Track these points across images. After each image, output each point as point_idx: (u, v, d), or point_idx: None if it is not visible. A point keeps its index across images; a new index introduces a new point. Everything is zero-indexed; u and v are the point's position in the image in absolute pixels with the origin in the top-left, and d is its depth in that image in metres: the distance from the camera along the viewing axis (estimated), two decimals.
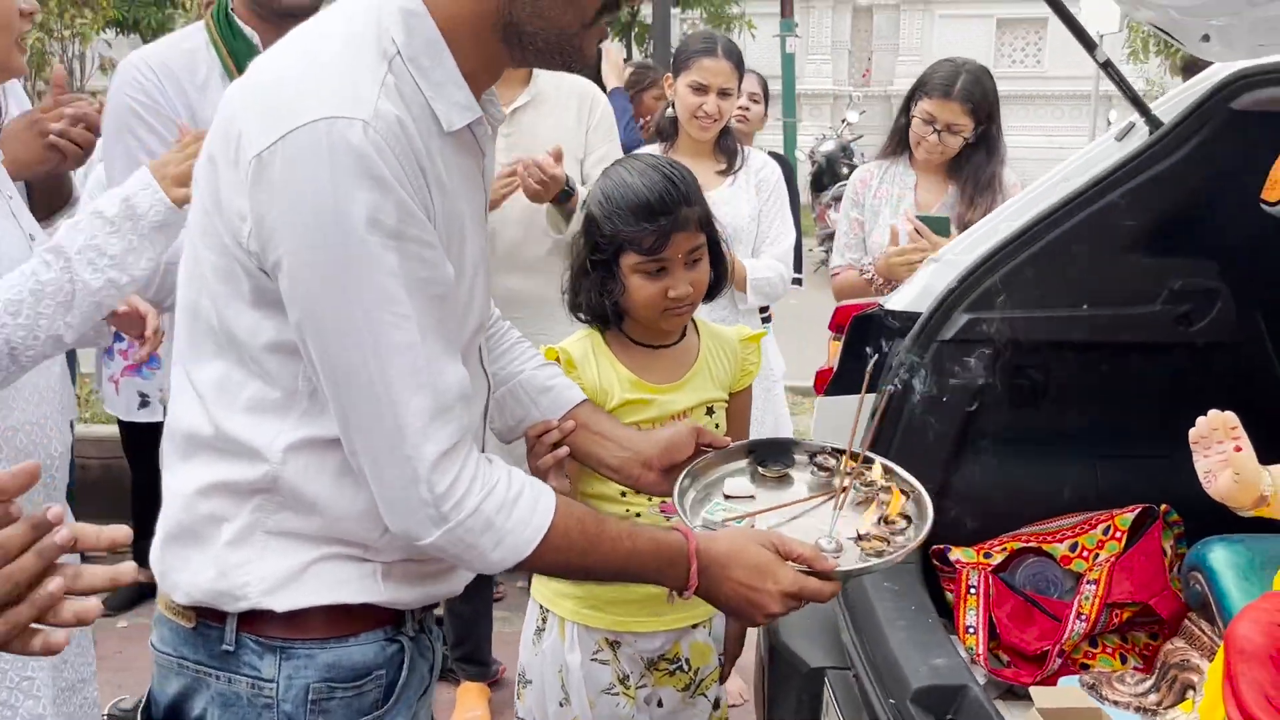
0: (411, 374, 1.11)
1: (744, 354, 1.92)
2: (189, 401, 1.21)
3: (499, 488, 1.18)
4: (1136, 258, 2.10)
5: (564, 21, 1.17)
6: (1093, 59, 2.05)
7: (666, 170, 1.72)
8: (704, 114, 2.96)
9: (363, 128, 1.06)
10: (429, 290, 1.12)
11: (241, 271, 1.13)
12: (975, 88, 2.88)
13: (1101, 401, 2.22)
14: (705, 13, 14.94)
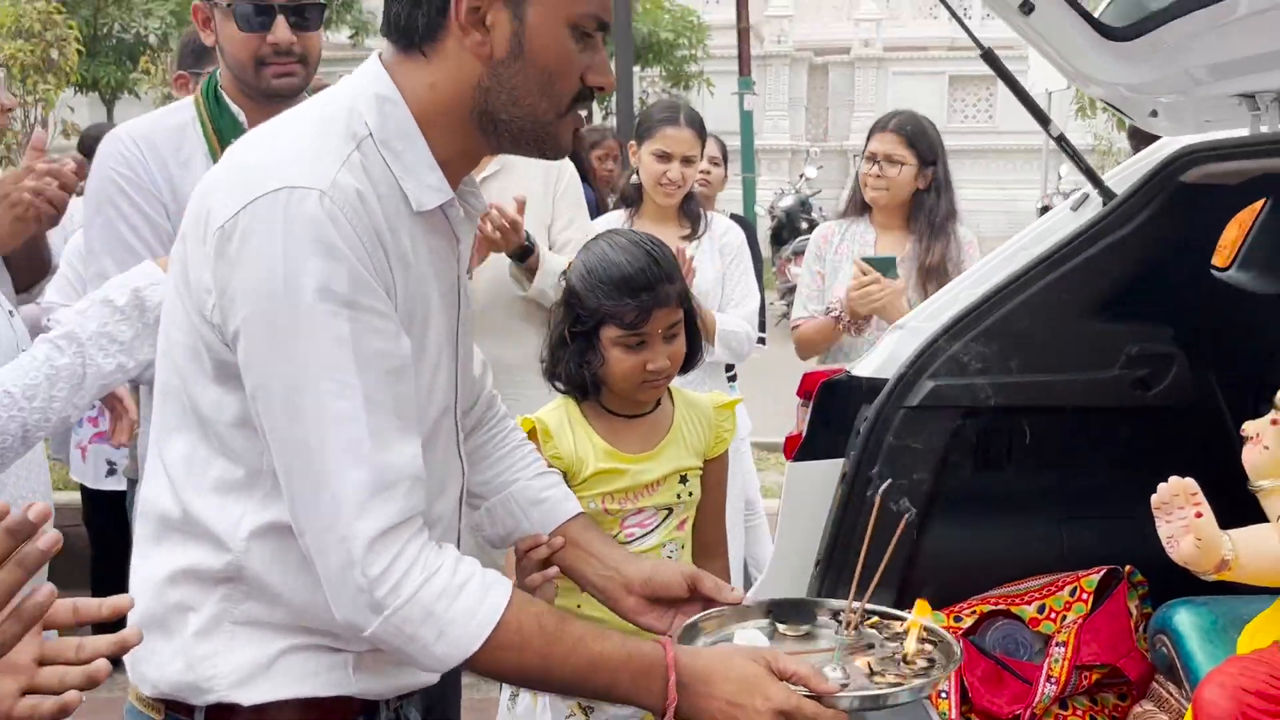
0: (351, 446, 1.09)
1: (718, 420, 1.95)
2: (161, 484, 1.21)
3: (441, 573, 1.12)
4: (1094, 324, 2.15)
5: (539, 111, 1.19)
6: (1047, 133, 2.12)
7: (648, 247, 1.76)
8: (668, 181, 3.02)
9: (319, 197, 1.08)
10: (382, 364, 1.11)
11: (204, 347, 1.14)
12: (910, 122, 3.06)
13: (1065, 464, 2.26)
14: (665, 71, 15.19)
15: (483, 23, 1.15)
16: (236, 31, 1.91)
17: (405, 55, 1.19)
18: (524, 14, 1.15)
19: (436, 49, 1.17)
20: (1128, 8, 2.02)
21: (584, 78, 1.20)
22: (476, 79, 1.17)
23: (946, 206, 3.04)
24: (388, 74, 1.19)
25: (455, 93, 1.17)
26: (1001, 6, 2.02)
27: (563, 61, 1.17)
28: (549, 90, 1.18)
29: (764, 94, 18.10)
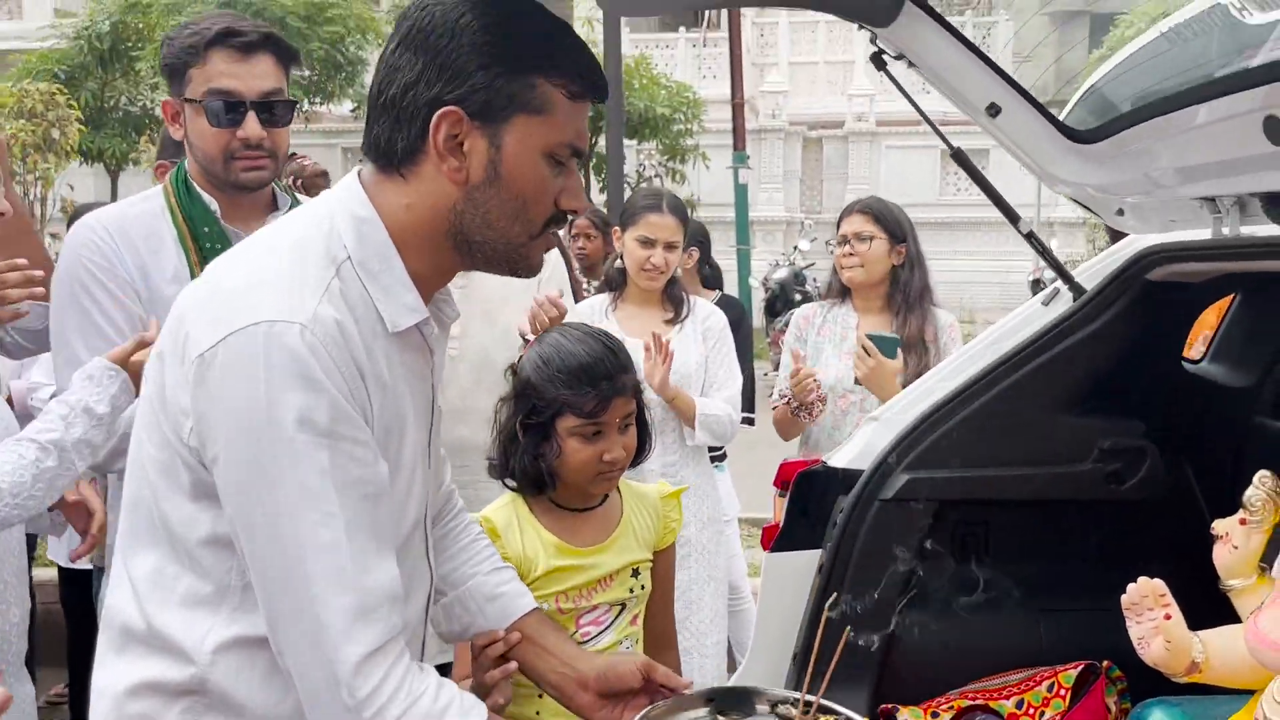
0: (335, 574, 1.12)
1: (665, 511, 1.96)
2: (125, 595, 1.22)
3: (424, 699, 1.16)
4: (1067, 418, 2.17)
5: (511, 234, 1.23)
6: (1016, 229, 2.16)
7: (604, 339, 1.80)
8: (651, 266, 3.08)
9: (299, 330, 1.11)
10: (361, 490, 1.14)
11: (181, 465, 1.16)
12: (875, 203, 3.21)
13: (1041, 557, 2.26)
14: (661, 145, 15.41)
15: (460, 149, 1.19)
16: (207, 126, 1.94)
17: (384, 175, 1.23)
18: (500, 142, 1.20)
19: (415, 171, 1.21)
20: (1092, 111, 2.07)
21: (557, 201, 1.25)
22: (452, 202, 1.21)
23: (920, 282, 3.14)
24: (365, 194, 1.23)
25: (431, 214, 1.22)
26: (969, 109, 2.08)
27: (537, 187, 1.22)
28: (522, 214, 1.23)
29: (759, 167, 18.36)
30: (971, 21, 24.49)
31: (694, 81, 17.61)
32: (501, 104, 1.18)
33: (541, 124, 1.20)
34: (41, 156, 6.43)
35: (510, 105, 1.19)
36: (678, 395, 3.03)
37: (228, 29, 1.92)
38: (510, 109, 1.19)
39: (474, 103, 1.18)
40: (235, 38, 1.92)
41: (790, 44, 22.94)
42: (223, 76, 1.92)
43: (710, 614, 3.19)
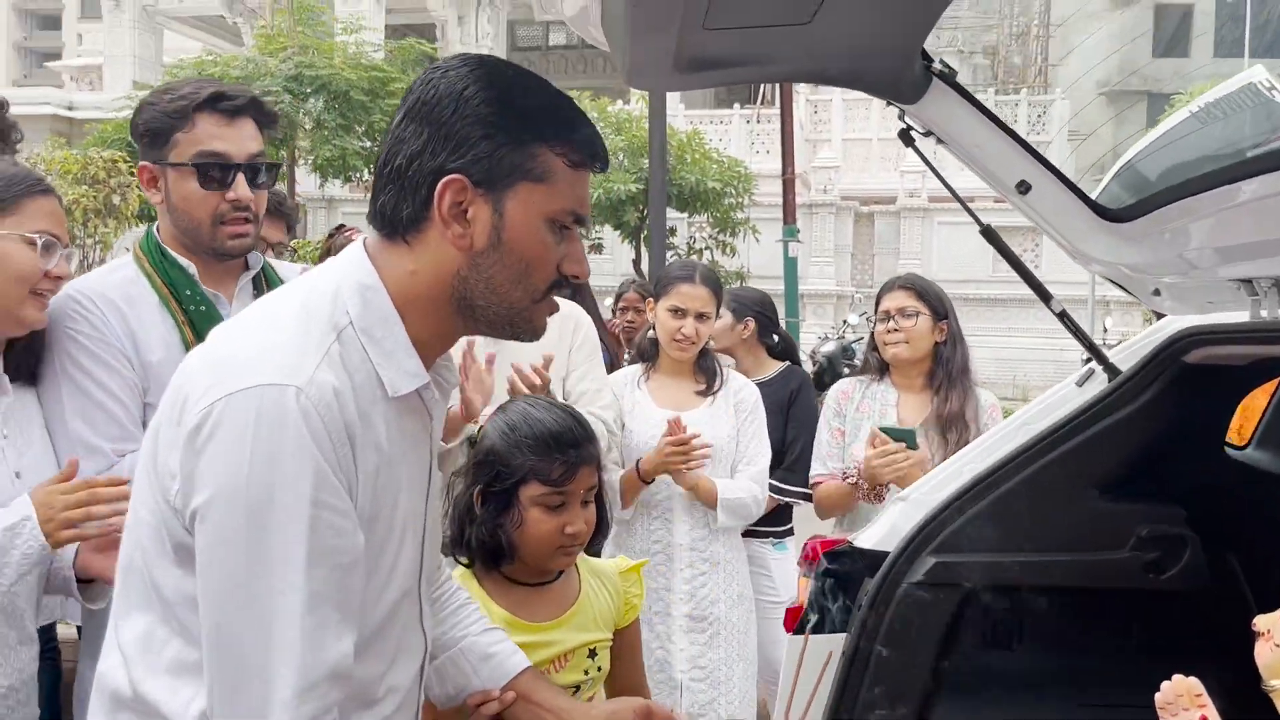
0: (286, 646, 1.11)
1: (625, 587, 1.90)
2: (114, 660, 1.22)
3: None
4: (1102, 503, 2.10)
5: (514, 298, 1.24)
6: (1049, 309, 2.11)
7: (569, 410, 1.79)
8: (682, 336, 3.07)
9: (295, 394, 1.11)
10: (333, 559, 1.14)
11: (166, 529, 1.16)
12: (917, 279, 3.18)
13: (1078, 648, 2.17)
14: (712, 218, 15.53)
15: (464, 215, 1.21)
16: (195, 189, 1.92)
17: (389, 243, 1.25)
18: (504, 208, 1.21)
19: (419, 239, 1.23)
20: (1125, 189, 2.04)
21: (560, 266, 1.26)
22: (456, 267, 1.22)
23: (961, 360, 3.09)
24: (370, 261, 1.25)
25: (435, 280, 1.23)
26: (999, 186, 2.06)
27: (539, 253, 1.24)
28: (525, 279, 1.24)
29: (809, 241, 18.41)
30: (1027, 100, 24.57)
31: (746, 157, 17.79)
32: (504, 172, 1.20)
33: (544, 191, 1.22)
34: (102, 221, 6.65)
35: (513, 173, 1.21)
36: (698, 484, 3.00)
37: (218, 93, 1.93)
38: (513, 177, 1.21)
39: (477, 171, 1.20)
40: (225, 101, 1.93)
41: (844, 120, 23.15)
42: (212, 140, 1.92)
43: (740, 696, 3.10)
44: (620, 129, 14.71)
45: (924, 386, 3.09)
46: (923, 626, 2.09)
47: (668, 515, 3.08)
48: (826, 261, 19.80)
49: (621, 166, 14.25)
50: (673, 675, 3.04)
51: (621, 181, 13.99)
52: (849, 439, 3.16)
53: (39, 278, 1.76)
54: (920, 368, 3.09)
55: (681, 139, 14.93)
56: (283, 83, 11.82)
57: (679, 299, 3.08)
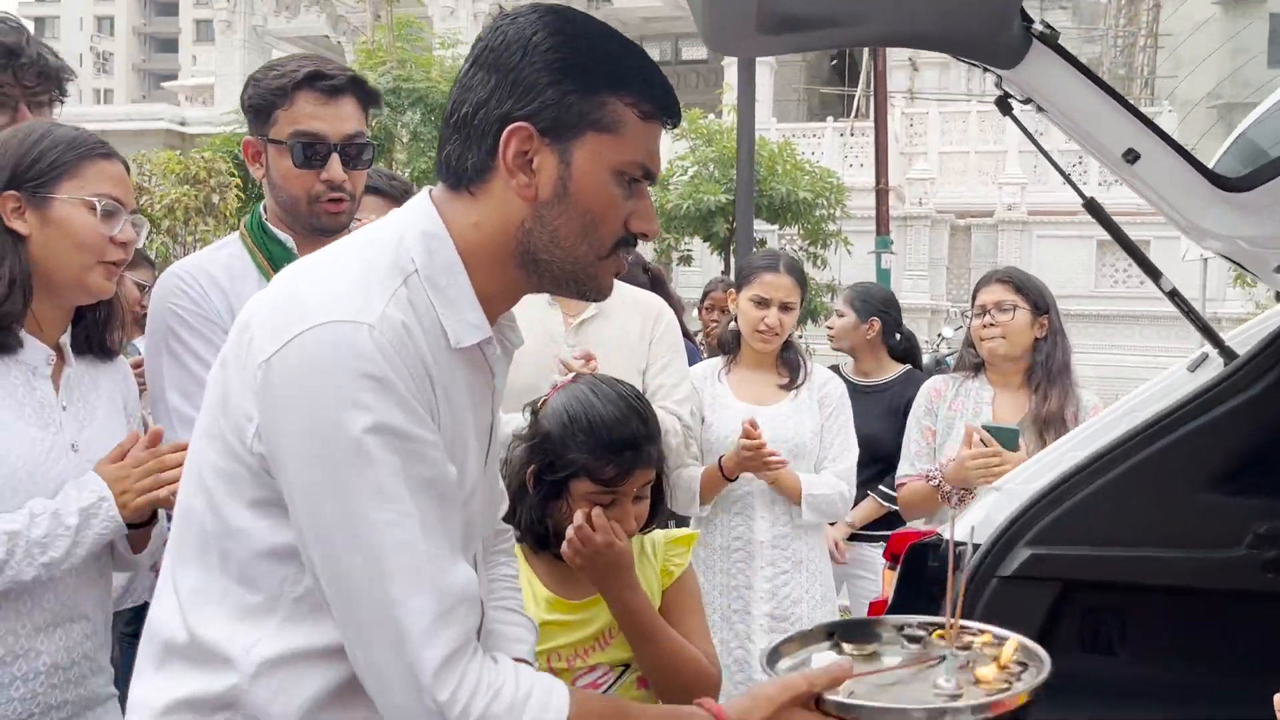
0: (413, 574, 1.08)
1: (666, 554, 1.82)
2: (170, 607, 1.20)
3: (505, 690, 1.12)
4: (1214, 497, 1.95)
5: (579, 253, 1.21)
6: (1159, 287, 1.98)
7: (635, 404, 1.70)
8: (765, 327, 2.97)
9: (368, 331, 1.09)
10: (433, 490, 1.11)
11: (245, 473, 1.14)
12: (1016, 272, 3.04)
13: (1187, 653, 2.01)
14: (803, 229, 15.35)
15: (529, 165, 1.18)
16: (291, 168, 1.94)
17: (454, 194, 1.23)
18: (570, 159, 1.18)
19: (484, 189, 1.20)
20: (1244, 156, 1.89)
21: (628, 223, 1.23)
22: (520, 219, 1.20)
23: (1062, 357, 2.94)
24: (436, 211, 1.22)
25: (499, 231, 1.20)
26: (1104, 156, 1.93)
27: (606, 206, 1.20)
28: (591, 233, 1.20)
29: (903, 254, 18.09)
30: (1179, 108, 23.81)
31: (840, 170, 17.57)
32: (572, 121, 1.17)
33: (612, 142, 1.18)
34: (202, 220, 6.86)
35: (580, 122, 1.17)
36: (779, 479, 2.89)
37: (315, 71, 1.94)
38: (580, 126, 1.17)
39: (544, 119, 1.16)
40: (322, 80, 1.94)
41: (940, 133, 22.73)
42: (309, 119, 1.94)
43: None
44: (710, 140, 14.67)
45: (1021, 385, 2.96)
46: (1014, 624, 1.96)
47: (748, 511, 2.99)
48: (920, 275, 19.42)
49: (711, 178, 14.21)
50: (752, 675, 2.93)
51: (711, 192, 13.93)
52: (940, 439, 3.04)
53: (104, 245, 1.71)
54: (1018, 365, 2.95)
55: (773, 149, 14.80)
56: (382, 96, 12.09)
57: (762, 289, 2.99)
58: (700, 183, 14.37)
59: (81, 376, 1.79)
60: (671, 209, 14.41)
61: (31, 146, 1.69)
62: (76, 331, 1.80)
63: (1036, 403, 2.87)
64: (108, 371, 1.85)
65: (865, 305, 3.83)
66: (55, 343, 1.75)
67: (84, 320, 1.81)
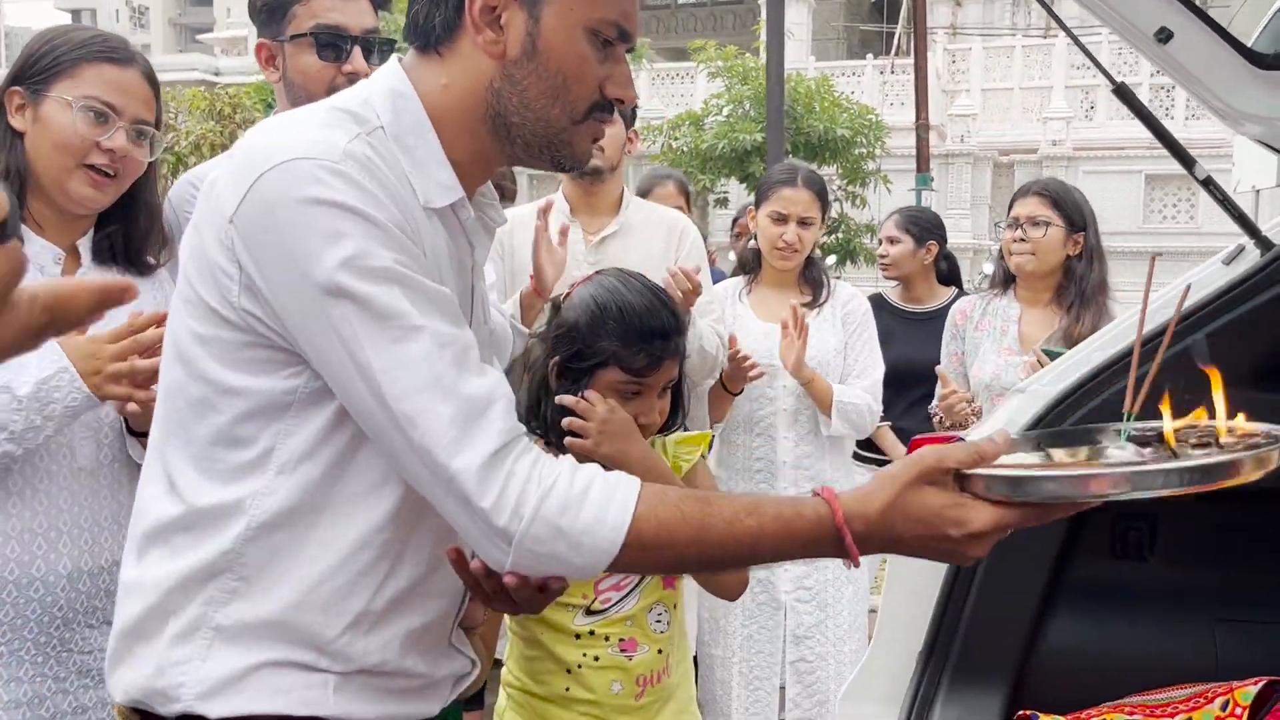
0: (433, 383, 1.04)
1: (677, 452, 1.76)
2: (159, 487, 1.16)
3: (559, 485, 1.05)
4: (1251, 392, 1.84)
5: (551, 115, 1.16)
6: (1192, 175, 1.88)
7: (662, 295, 1.67)
8: (784, 244, 2.89)
9: (330, 163, 1.05)
10: (436, 305, 1.07)
11: (228, 332, 1.10)
12: (1056, 186, 2.93)
13: (1220, 555, 1.95)
14: (842, 168, 15.12)
15: (497, 22, 1.14)
16: (313, 61, 1.93)
17: (423, 56, 1.19)
18: (539, 14, 1.14)
19: (452, 48, 1.16)
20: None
21: (603, 88, 1.18)
22: (489, 79, 1.16)
23: (1098, 277, 2.83)
24: (405, 74, 1.18)
25: (468, 92, 1.16)
26: (1136, 37, 1.83)
27: (578, 66, 1.15)
28: (563, 95, 1.16)
29: (944, 192, 17.78)
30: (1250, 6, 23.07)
31: (880, 109, 17.24)
32: None
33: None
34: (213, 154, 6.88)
35: None
36: (814, 379, 2.82)
37: None
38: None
39: None
40: None
41: (984, 69, 22.19)
42: (330, 12, 1.92)
43: (849, 620, 2.95)
44: (746, 79, 14.43)
45: (1050, 302, 2.87)
46: (1038, 532, 1.90)
47: (770, 432, 2.94)
48: (962, 214, 19.07)
49: (746, 116, 14.00)
50: (776, 595, 2.91)
51: (747, 131, 13.75)
52: (969, 360, 2.97)
53: (85, 148, 1.64)
54: (1048, 282, 2.87)
55: (809, 87, 14.55)
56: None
57: (780, 204, 2.90)
58: (735, 121, 14.17)
59: None
60: (707, 149, 14.25)
61: (44, 44, 1.67)
62: (99, 238, 1.77)
63: (1067, 323, 2.79)
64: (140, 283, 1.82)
65: (922, 230, 3.75)
66: (70, 245, 1.73)
67: (108, 227, 1.77)
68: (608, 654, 1.65)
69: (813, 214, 2.90)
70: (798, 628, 2.91)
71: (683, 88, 22.01)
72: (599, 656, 1.65)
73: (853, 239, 14.29)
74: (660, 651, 1.69)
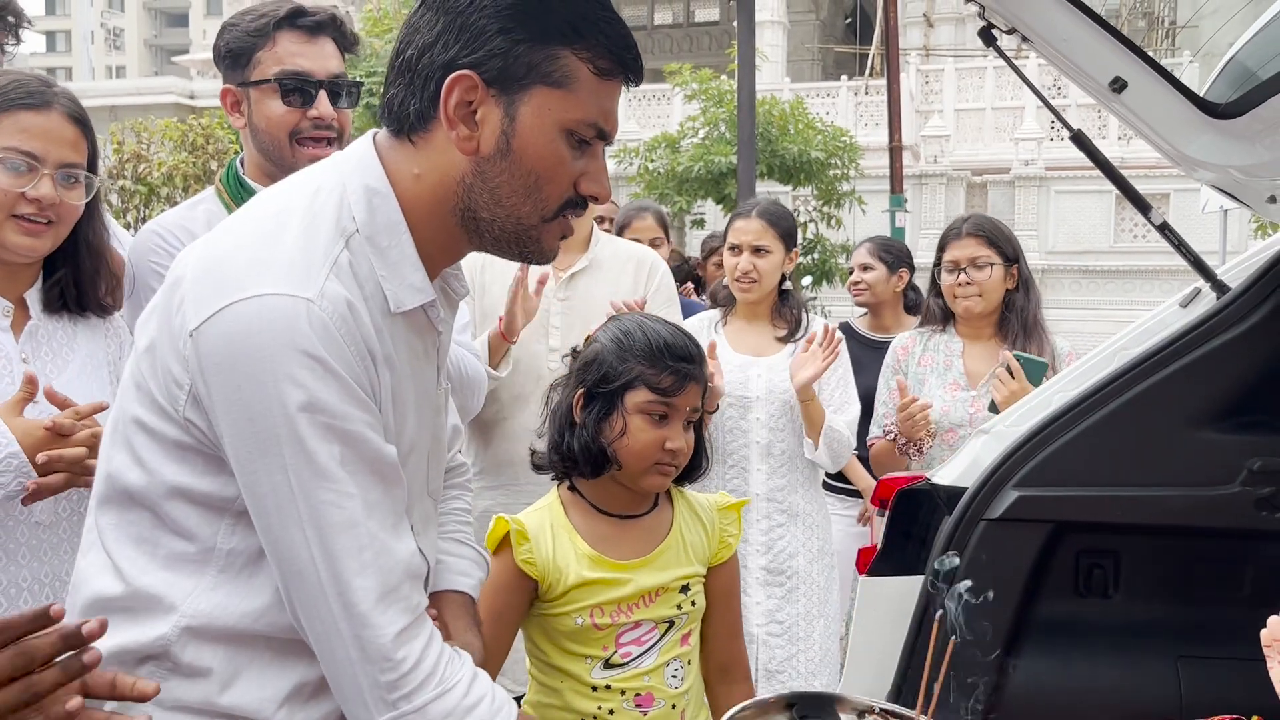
0: (356, 553, 1.06)
1: (722, 524, 1.78)
2: (98, 564, 1.16)
3: (454, 692, 1.11)
4: (1208, 434, 1.90)
5: (522, 213, 1.16)
6: (1148, 220, 1.92)
7: (685, 330, 1.72)
8: (741, 274, 2.94)
9: (305, 307, 1.04)
10: (373, 469, 1.09)
11: (173, 429, 1.10)
12: (985, 222, 2.95)
13: (1181, 593, 1.98)
14: (816, 190, 15.20)
15: (472, 117, 1.13)
16: (277, 107, 1.92)
17: (397, 140, 1.18)
18: (516, 113, 1.13)
19: (426, 139, 1.16)
20: (1232, 81, 1.83)
21: (577, 185, 1.17)
22: (461, 174, 1.15)
23: (1035, 304, 2.91)
24: (378, 160, 1.17)
25: (439, 185, 1.16)
26: (1091, 86, 1.87)
27: (552, 165, 1.15)
28: (535, 193, 1.15)
29: (919, 212, 17.91)
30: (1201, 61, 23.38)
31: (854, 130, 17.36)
32: (520, 73, 1.11)
33: (562, 98, 1.12)
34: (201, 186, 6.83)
35: (529, 75, 1.11)
36: (813, 400, 2.85)
37: (296, 9, 1.93)
38: (529, 79, 1.11)
39: (490, 69, 1.11)
40: (304, 18, 1.93)
41: (956, 90, 22.40)
42: (294, 57, 1.92)
43: (820, 653, 2.97)
44: (720, 101, 14.51)
45: (992, 335, 2.91)
46: (1004, 568, 1.93)
47: (743, 465, 2.96)
48: (936, 233, 19.13)
49: (722, 138, 14.07)
50: (749, 629, 2.92)
51: (722, 154, 13.81)
52: (912, 395, 2.99)
53: (13, 200, 1.64)
54: (990, 318, 2.90)
55: (784, 109, 14.65)
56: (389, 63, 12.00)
57: (734, 235, 2.99)
58: (711, 144, 14.24)
59: (54, 331, 1.76)
60: (683, 171, 14.30)
61: None
62: (48, 287, 1.76)
63: None
64: (89, 329, 1.81)
65: (894, 258, 3.81)
66: (17, 297, 1.72)
67: (56, 274, 1.77)
68: (623, 707, 1.65)
69: (765, 242, 2.94)
70: (770, 661, 2.92)
71: (659, 109, 22.10)
72: (614, 710, 1.65)
73: (828, 260, 14.37)
74: (674, 707, 1.69)
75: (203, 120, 7.20)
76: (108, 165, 7.04)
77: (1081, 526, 1.93)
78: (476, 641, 1.35)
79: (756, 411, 2.94)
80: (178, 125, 7.06)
